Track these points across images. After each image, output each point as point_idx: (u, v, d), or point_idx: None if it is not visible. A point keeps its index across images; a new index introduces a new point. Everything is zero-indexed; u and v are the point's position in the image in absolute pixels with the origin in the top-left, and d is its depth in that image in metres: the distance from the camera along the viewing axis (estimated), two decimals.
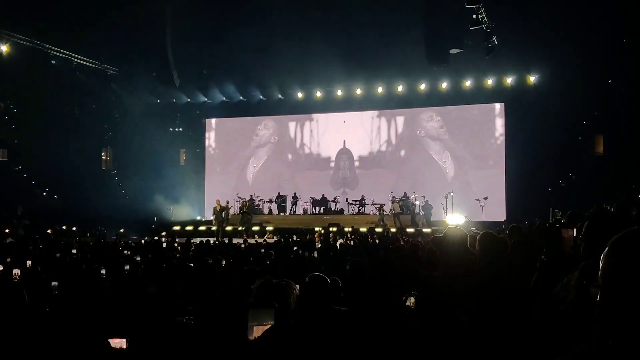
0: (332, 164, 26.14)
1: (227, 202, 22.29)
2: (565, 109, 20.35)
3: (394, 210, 21.55)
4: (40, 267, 7.66)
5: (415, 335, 2.38)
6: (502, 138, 23.42)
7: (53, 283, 5.35)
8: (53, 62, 22.38)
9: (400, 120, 25.26)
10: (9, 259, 8.25)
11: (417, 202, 22.46)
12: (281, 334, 2.79)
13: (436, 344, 2.46)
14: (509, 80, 22.82)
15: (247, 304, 2.59)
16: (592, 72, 20.19)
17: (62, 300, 5.03)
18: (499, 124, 23.60)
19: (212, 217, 21.96)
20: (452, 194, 20.56)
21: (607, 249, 1.18)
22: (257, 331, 2.54)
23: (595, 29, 18.61)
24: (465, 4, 17.44)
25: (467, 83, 23.33)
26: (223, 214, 21.22)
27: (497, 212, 21.37)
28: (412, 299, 3.41)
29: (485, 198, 20.60)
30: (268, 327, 2.57)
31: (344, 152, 25.99)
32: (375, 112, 25.44)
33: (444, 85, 23.57)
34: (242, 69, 23.95)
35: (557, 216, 7.70)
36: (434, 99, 24.04)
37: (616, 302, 1.10)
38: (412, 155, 25.00)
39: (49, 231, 18.53)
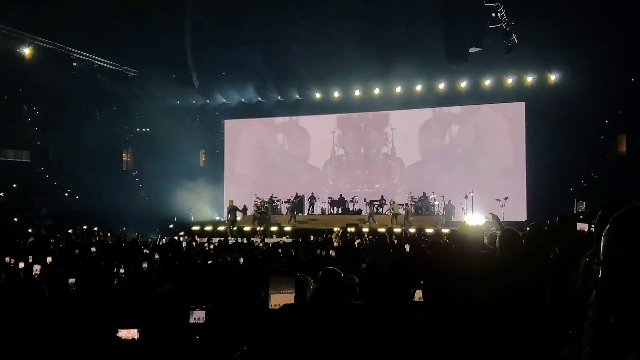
0: (350, 165, 26.12)
1: (245, 206, 22.68)
2: (587, 108, 20.02)
3: (392, 210, 21.59)
4: (60, 265, 7.76)
5: (419, 328, 2.34)
6: (523, 137, 23.15)
7: (70, 280, 5.40)
8: (74, 64, 22.67)
9: (420, 121, 25.17)
10: (30, 257, 8.36)
11: (436, 203, 22.33)
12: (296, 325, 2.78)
13: (441, 338, 2.41)
14: (530, 79, 22.57)
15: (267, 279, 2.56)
16: (615, 70, 19.83)
17: (79, 295, 5.08)
18: (520, 123, 23.31)
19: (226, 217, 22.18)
20: (472, 194, 20.33)
21: (608, 225, 1.15)
22: (275, 299, 2.50)
23: (617, 26, 18.31)
24: (485, 2, 17.29)
25: (487, 82, 23.12)
26: (236, 213, 21.44)
27: (518, 212, 21.11)
28: (420, 292, 3.38)
29: (506, 198, 20.28)
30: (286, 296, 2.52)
31: (362, 153, 25.96)
32: (394, 112, 25.36)
33: (464, 84, 23.38)
34: (260, 70, 24.04)
35: (580, 209, 7.49)
36: (453, 98, 23.89)
37: (618, 277, 1.08)
38: (432, 157, 24.85)
39: (69, 231, 18.79)
